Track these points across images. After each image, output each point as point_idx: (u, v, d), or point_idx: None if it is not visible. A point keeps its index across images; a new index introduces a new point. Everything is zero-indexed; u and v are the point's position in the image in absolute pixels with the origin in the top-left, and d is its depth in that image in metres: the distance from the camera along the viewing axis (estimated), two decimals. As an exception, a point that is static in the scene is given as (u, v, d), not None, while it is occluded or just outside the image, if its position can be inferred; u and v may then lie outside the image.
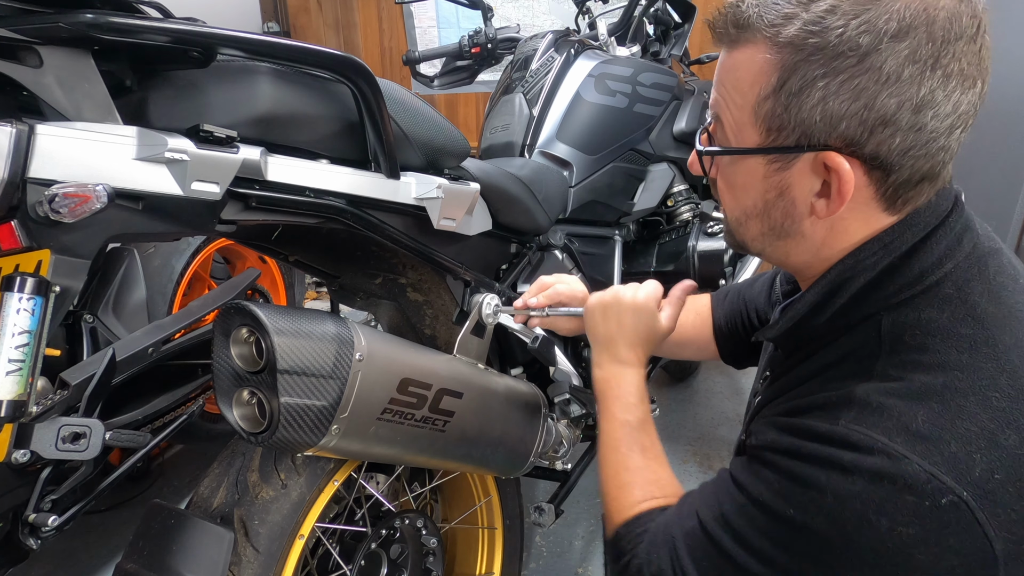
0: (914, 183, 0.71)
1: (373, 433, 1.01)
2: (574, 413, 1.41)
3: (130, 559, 1.03)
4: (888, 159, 0.69)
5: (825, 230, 0.77)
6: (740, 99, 0.75)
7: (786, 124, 0.71)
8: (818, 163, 0.71)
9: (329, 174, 0.96)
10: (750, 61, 0.73)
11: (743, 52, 0.74)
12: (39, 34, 0.70)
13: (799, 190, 0.75)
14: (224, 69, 0.87)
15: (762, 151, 0.75)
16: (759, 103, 0.73)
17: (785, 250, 0.83)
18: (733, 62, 0.76)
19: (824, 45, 0.66)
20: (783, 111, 0.71)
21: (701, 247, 1.94)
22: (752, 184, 0.79)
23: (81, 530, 2.18)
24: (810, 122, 0.69)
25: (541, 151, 1.78)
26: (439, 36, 4.07)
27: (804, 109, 0.69)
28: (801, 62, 0.68)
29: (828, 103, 0.68)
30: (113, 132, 0.75)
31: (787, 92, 0.70)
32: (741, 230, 0.85)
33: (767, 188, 0.77)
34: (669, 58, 2.30)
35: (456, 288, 1.29)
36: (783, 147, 0.73)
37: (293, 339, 0.91)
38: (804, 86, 0.68)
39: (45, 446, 0.91)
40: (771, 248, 0.84)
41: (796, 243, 0.81)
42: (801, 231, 0.78)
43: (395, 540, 1.30)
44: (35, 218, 0.70)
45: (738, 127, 0.77)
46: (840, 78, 0.67)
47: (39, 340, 0.74)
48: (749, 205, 0.81)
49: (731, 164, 0.82)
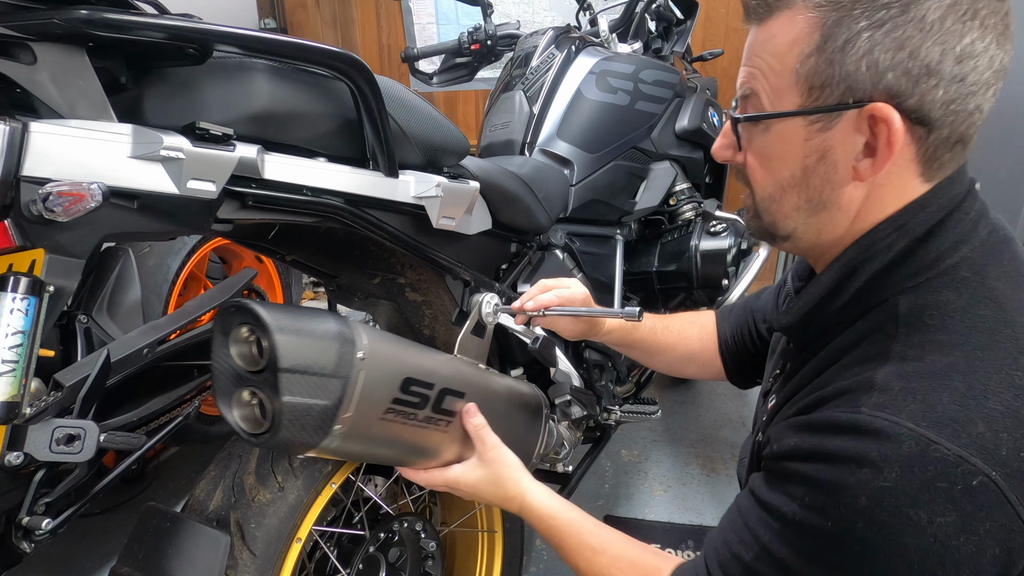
0: (951, 144, 0.71)
1: (375, 434, 1.00)
2: (575, 415, 1.41)
3: (125, 563, 1.02)
4: (931, 113, 0.68)
5: (862, 199, 0.75)
6: (778, 64, 0.74)
7: (830, 80, 0.70)
8: (862, 119, 0.70)
9: (327, 172, 0.96)
10: (788, 25, 0.72)
11: (778, 20, 0.74)
12: (33, 30, 0.69)
13: (842, 151, 0.73)
14: (220, 66, 0.86)
15: (806, 112, 0.73)
16: (801, 63, 0.72)
17: (818, 227, 0.80)
18: (768, 32, 0.75)
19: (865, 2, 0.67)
20: (827, 67, 0.70)
21: (704, 247, 1.94)
22: (790, 151, 0.77)
23: (75, 533, 2.17)
24: (856, 75, 0.69)
25: (541, 149, 1.77)
26: (438, 33, 4.06)
27: (849, 62, 0.69)
28: (845, 16, 0.68)
29: (873, 54, 0.67)
30: (108, 130, 0.74)
31: (831, 47, 0.69)
32: (774, 207, 0.82)
33: (807, 152, 0.75)
34: (671, 55, 2.29)
35: (455, 288, 1.28)
36: (828, 106, 0.72)
37: (295, 337, 0.89)
38: (849, 39, 0.68)
39: (39, 448, 0.90)
40: (803, 226, 0.81)
41: (830, 217, 0.78)
42: (838, 202, 0.77)
43: (393, 543, 1.29)
44: (29, 217, 0.69)
45: (776, 94, 0.76)
46: (885, 28, 0.66)
47: (33, 341, 0.73)
48: (786, 176, 0.79)
49: (765, 135, 0.79)
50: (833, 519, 0.68)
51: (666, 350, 1.36)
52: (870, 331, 0.76)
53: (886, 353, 0.72)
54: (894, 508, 0.64)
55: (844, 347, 0.78)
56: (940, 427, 0.64)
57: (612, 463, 2.60)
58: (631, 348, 1.37)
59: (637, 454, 2.66)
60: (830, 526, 0.68)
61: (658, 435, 2.79)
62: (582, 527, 1.01)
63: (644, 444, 2.72)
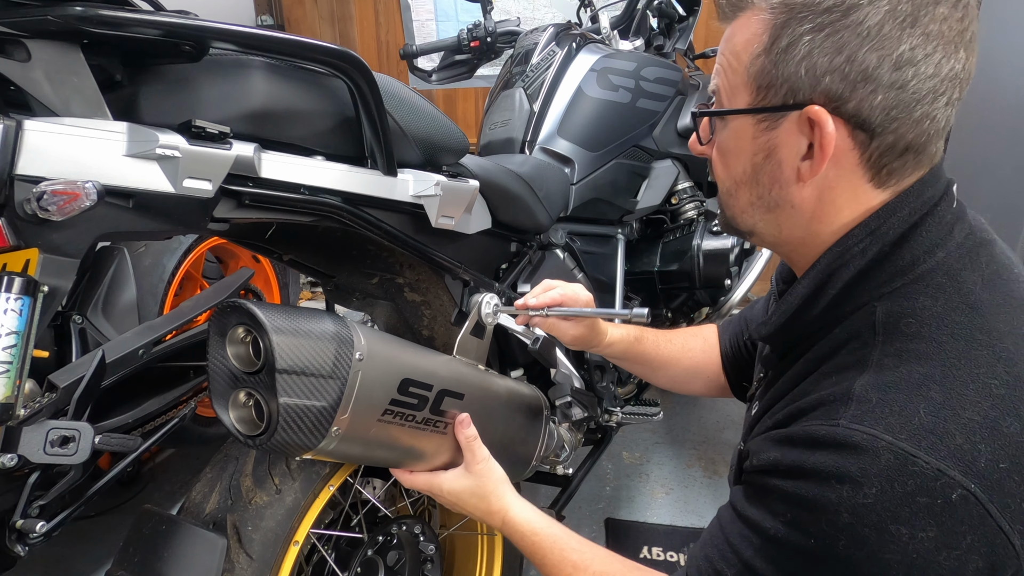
0: (899, 151, 0.72)
1: (373, 435, 1.00)
2: (576, 416, 1.40)
3: (120, 566, 1.02)
4: (871, 119, 0.70)
5: (814, 200, 0.77)
6: (736, 63, 0.77)
7: (774, 81, 0.73)
8: (803, 121, 0.72)
9: (324, 171, 0.95)
10: (745, 26, 0.75)
11: (740, 20, 0.76)
12: (27, 27, 0.69)
13: (786, 151, 0.75)
14: (217, 63, 0.85)
15: (751, 111, 0.76)
16: (751, 62, 0.74)
17: (776, 224, 0.82)
18: (731, 31, 0.78)
19: (812, 2, 0.69)
20: (772, 67, 0.72)
21: (706, 246, 1.93)
22: (742, 148, 0.80)
23: (70, 536, 2.16)
24: (796, 78, 0.71)
25: (542, 147, 1.76)
26: (437, 30, 4.06)
27: (791, 64, 0.71)
28: (791, 19, 0.70)
29: (813, 57, 0.69)
30: (103, 128, 0.74)
31: (777, 49, 0.72)
32: (731, 201, 0.86)
33: (755, 150, 0.78)
34: (673, 52, 2.28)
35: (455, 288, 1.28)
36: (771, 106, 0.74)
37: (292, 338, 0.89)
38: (792, 41, 0.70)
39: (33, 450, 0.89)
40: (762, 223, 0.84)
41: (786, 215, 0.80)
42: (790, 200, 0.79)
43: (392, 546, 1.28)
44: (23, 216, 0.68)
45: (732, 91, 0.79)
46: (825, 32, 0.68)
47: (27, 341, 0.73)
48: (739, 172, 0.82)
49: (724, 131, 0.83)
50: (815, 536, 0.68)
51: (669, 363, 1.34)
52: (848, 338, 0.76)
53: (864, 362, 0.72)
54: (876, 524, 0.64)
55: (823, 355, 0.79)
56: (918, 439, 0.65)
57: (613, 465, 2.59)
58: (633, 362, 1.35)
59: (639, 456, 2.65)
60: (812, 543, 0.69)
61: (660, 437, 2.78)
62: (565, 543, 1.01)
63: (646, 446, 2.71)
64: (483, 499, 1.09)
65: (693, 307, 2.17)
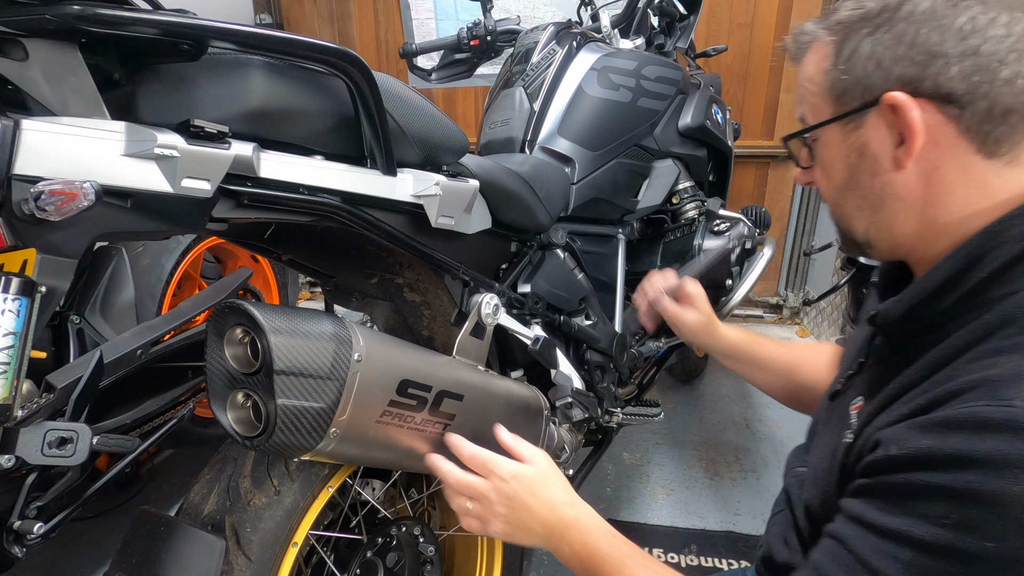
0: (999, 116, 0.70)
1: (372, 436, 0.99)
2: (576, 417, 1.39)
3: (118, 568, 1.01)
4: (954, 90, 0.70)
5: (921, 185, 0.76)
6: (812, 86, 0.83)
7: (848, 86, 0.77)
8: (884, 112, 0.75)
9: (323, 171, 0.94)
10: (814, 55, 0.83)
11: (809, 54, 0.84)
12: (24, 26, 0.68)
13: (877, 145, 0.77)
14: (215, 62, 0.85)
15: (833, 120, 0.80)
16: (824, 80, 0.81)
17: (888, 224, 0.81)
18: (803, 65, 0.85)
19: (865, 14, 0.75)
20: (842, 75, 0.78)
21: (707, 246, 1.92)
22: (836, 156, 0.82)
23: (68, 538, 2.16)
24: (866, 77, 0.75)
25: (542, 147, 1.75)
26: (437, 28, 4.05)
27: (858, 67, 0.76)
28: (849, 33, 0.77)
29: (876, 55, 0.74)
30: (101, 127, 0.73)
31: (842, 59, 0.77)
32: (840, 212, 0.87)
33: (847, 152, 0.81)
34: (674, 51, 2.28)
35: (455, 288, 1.27)
36: (850, 110, 0.78)
37: (290, 339, 0.89)
38: (854, 49, 0.76)
39: (30, 451, 0.89)
40: (873, 226, 0.82)
41: (896, 211, 0.79)
42: (895, 192, 0.78)
43: (391, 548, 1.28)
44: (20, 216, 0.68)
45: (815, 111, 0.83)
46: (882, 30, 0.73)
47: (24, 342, 0.72)
48: (839, 179, 0.83)
49: (820, 148, 0.85)
50: (992, 538, 0.59)
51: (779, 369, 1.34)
52: (1002, 323, 0.69)
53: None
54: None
55: (971, 340, 0.71)
56: None
57: (614, 466, 2.59)
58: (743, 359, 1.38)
59: (639, 457, 2.65)
60: (991, 547, 0.59)
61: (661, 438, 2.78)
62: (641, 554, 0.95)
63: (647, 447, 2.71)
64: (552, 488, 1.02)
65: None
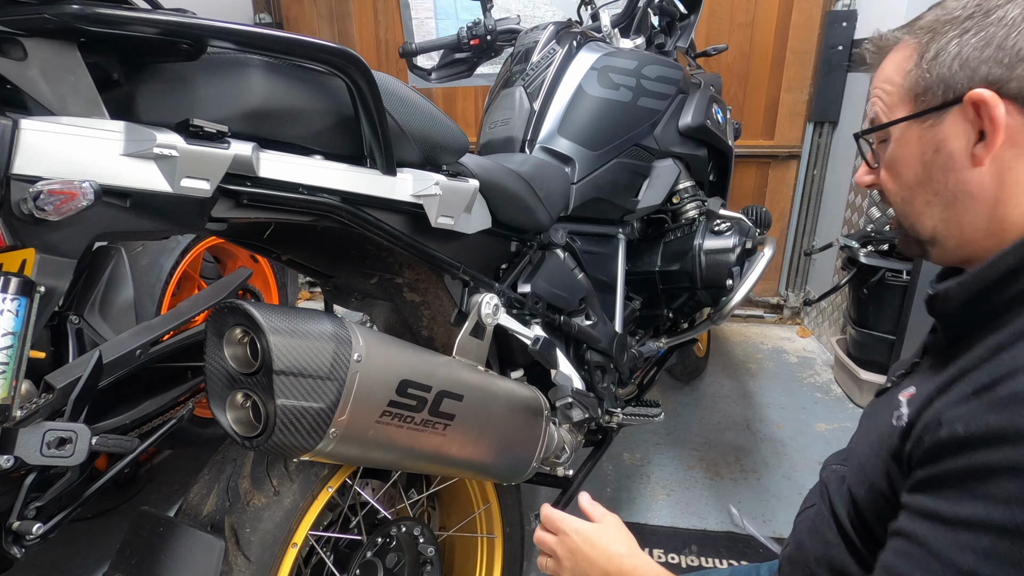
0: None
1: (371, 437, 0.99)
2: (576, 417, 1.39)
3: (117, 568, 1.02)
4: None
5: (995, 184, 0.76)
6: (890, 86, 0.84)
7: (930, 85, 0.78)
8: (967, 109, 0.75)
9: (323, 170, 0.94)
10: (895, 56, 0.84)
11: (889, 57, 0.85)
12: (23, 26, 0.68)
13: (955, 142, 0.77)
14: (215, 62, 0.85)
15: (913, 116, 0.81)
16: (904, 79, 0.81)
17: (957, 220, 0.80)
18: (881, 68, 0.86)
19: (951, 18, 0.77)
20: (925, 74, 0.78)
21: (707, 246, 1.92)
22: (910, 153, 0.82)
23: (67, 538, 2.15)
24: (950, 76, 0.76)
25: (542, 146, 1.75)
26: (436, 27, 4.04)
27: (943, 66, 0.76)
28: (936, 35, 0.78)
29: (963, 54, 0.74)
30: (100, 127, 0.73)
31: (927, 59, 0.78)
32: (908, 209, 0.85)
33: (923, 150, 0.80)
34: (674, 50, 2.27)
35: (454, 288, 1.27)
36: (932, 107, 0.78)
37: (289, 339, 0.89)
38: (940, 49, 0.77)
39: (29, 451, 0.89)
40: (942, 223, 0.82)
41: (967, 208, 0.78)
42: (968, 189, 0.77)
43: (391, 548, 1.28)
44: (19, 216, 0.68)
45: (891, 109, 0.84)
46: (970, 32, 0.74)
47: (23, 342, 0.72)
48: (910, 176, 0.83)
49: (888, 147, 0.86)
50: None
51: None
52: None
53: None
54: None
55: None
56: None
57: (614, 467, 2.59)
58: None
59: (640, 457, 2.64)
60: None
61: (661, 438, 2.77)
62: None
63: (647, 447, 2.70)
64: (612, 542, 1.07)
65: (694, 307, 2.16)
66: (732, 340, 3.77)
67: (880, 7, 3.11)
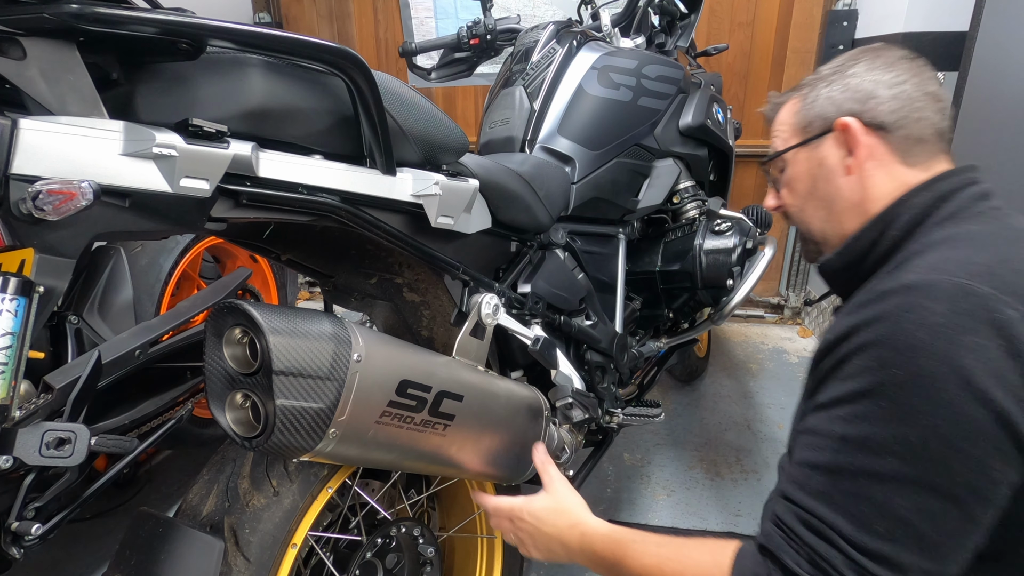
0: (914, 141, 0.99)
1: (371, 437, 0.99)
2: (576, 418, 1.39)
3: (116, 569, 1.01)
4: (885, 120, 0.99)
5: (861, 187, 1.02)
6: (784, 127, 1.13)
7: (812, 119, 1.07)
8: (838, 133, 1.03)
9: (323, 170, 0.94)
10: (787, 107, 1.13)
11: (783, 108, 1.14)
12: (22, 25, 0.68)
13: (832, 158, 1.05)
14: (214, 61, 0.85)
15: (801, 144, 1.09)
16: (794, 119, 1.11)
17: (839, 220, 1.06)
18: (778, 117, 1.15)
19: (821, 77, 1.08)
20: (808, 113, 1.08)
21: (708, 245, 1.92)
22: (802, 170, 1.10)
23: (66, 539, 2.16)
24: (824, 112, 1.05)
25: (542, 146, 1.75)
26: (436, 27, 4.05)
27: (819, 106, 1.06)
28: (813, 88, 1.08)
29: (832, 97, 1.05)
30: (99, 127, 0.73)
31: (807, 103, 1.08)
32: (804, 216, 1.13)
33: (810, 166, 1.08)
34: (675, 50, 2.27)
35: (454, 288, 1.27)
36: (814, 135, 1.07)
37: (289, 339, 0.88)
38: (816, 96, 1.07)
39: (28, 452, 0.89)
40: (828, 224, 1.08)
41: (844, 208, 1.05)
42: (843, 194, 1.04)
43: (391, 549, 1.28)
44: (18, 215, 0.68)
45: (786, 142, 1.12)
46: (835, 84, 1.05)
47: (22, 342, 0.72)
48: (803, 189, 1.11)
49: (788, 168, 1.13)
50: (900, 365, 0.77)
51: None
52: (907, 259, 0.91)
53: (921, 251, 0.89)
54: (949, 337, 0.75)
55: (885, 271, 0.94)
56: (973, 276, 0.79)
57: (614, 467, 2.58)
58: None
59: (640, 458, 2.64)
60: (900, 374, 0.77)
61: (661, 438, 2.77)
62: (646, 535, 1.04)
63: (647, 448, 2.70)
64: (563, 513, 1.16)
65: (695, 307, 2.16)
66: (733, 340, 3.77)
67: (881, 6, 3.11)
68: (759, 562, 0.85)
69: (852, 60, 1.06)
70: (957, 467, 0.75)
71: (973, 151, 2.61)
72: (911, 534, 0.76)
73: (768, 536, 0.86)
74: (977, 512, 0.76)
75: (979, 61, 2.54)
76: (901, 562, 0.76)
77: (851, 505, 0.79)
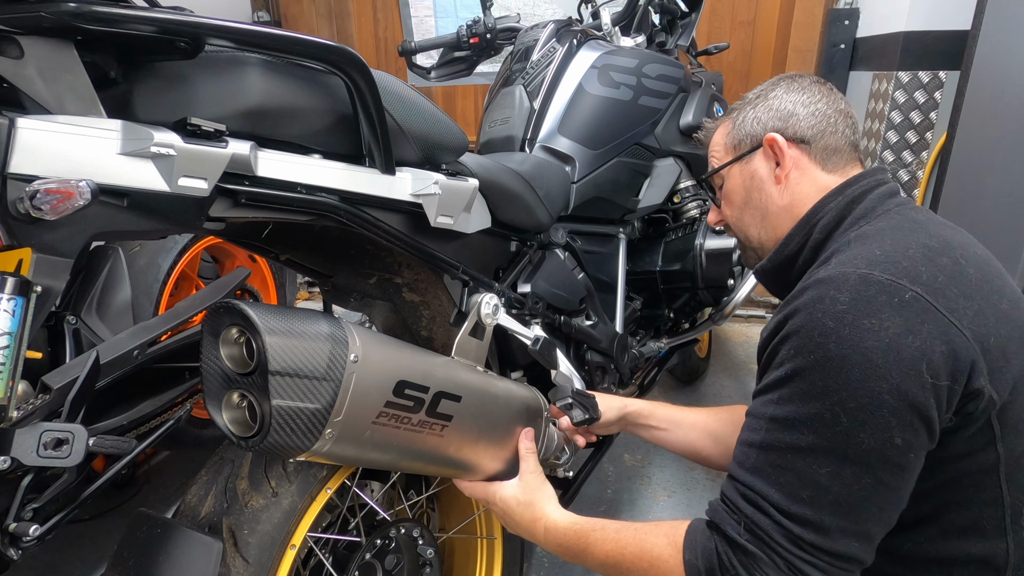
0: (832, 151, 1.13)
1: (368, 438, 0.99)
2: (576, 418, 1.38)
3: (115, 570, 1.01)
4: (805, 135, 1.13)
5: (789, 194, 1.14)
6: (719, 147, 1.26)
7: (743, 138, 1.20)
8: (766, 148, 1.16)
9: (321, 169, 0.94)
10: (720, 130, 1.27)
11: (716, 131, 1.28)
12: (20, 23, 0.68)
13: (763, 170, 1.17)
14: (212, 60, 0.84)
15: (735, 160, 1.22)
16: (726, 140, 1.24)
17: (773, 226, 1.17)
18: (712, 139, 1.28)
19: (748, 101, 1.21)
20: (739, 133, 1.21)
21: (709, 245, 1.92)
22: (737, 184, 1.22)
23: (64, 540, 2.15)
24: (753, 130, 1.18)
25: (542, 145, 1.75)
26: (436, 26, 4.04)
27: (748, 126, 1.19)
28: (739, 112, 1.22)
29: (758, 117, 1.18)
30: (97, 126, 0.73)
31: (737, 124, 1.21)
32: (741, 226, 1.24)
33: (744, 179, 1.20)
34: (675, 49, 2.27)
35: (454, 288, 1.26)
36: (745, 152, 1.20)
37: (285, 339, 0.88)
38: (744, 117, 1.20)
39: (26, 452, 0.90)
40: (763, 230, 1.20)
41: (776, 215, 1.16)
42: (775, 202, 1.16)
43: (390, 550, 1.28)
44: (15, 215, 0.68)
45: (721, 162, 1.25)
46: (760, 106, 1.18)
47: (20, 342, 0.72)
48: (739, 200, 1.22)
49: (726, 184, 1.25)
50: (812, 351, 0.88)
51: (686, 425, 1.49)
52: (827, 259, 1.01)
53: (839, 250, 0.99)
54: (852, 322, 0.86)
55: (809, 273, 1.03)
56: (873, 265, 0.90)
57: (615, 468, 2.58)
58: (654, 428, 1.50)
59: (640, 459, 2.64)
60: (812, 358, 0.88)
61: (660, 438, 2.75)
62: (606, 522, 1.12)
63: (647, 448, 2.69)
64: (528, 506, 1.20)
65: (695, 307, 2.16)
66: (733, 340, 3.77)
67: (883, 5, 3.10)
68: (707, 536, 0.97)
69: (772, 86, 1.20)
70: (864, 437, 0.85)
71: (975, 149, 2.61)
72: (830, 499, 0.87)
73: (714, 511, 0.98)
74: (886, 476, 0.86)
75: (981, 60, 2.54)
76: (823, 524, 0.87)
77: (780, 477, 0.90)
